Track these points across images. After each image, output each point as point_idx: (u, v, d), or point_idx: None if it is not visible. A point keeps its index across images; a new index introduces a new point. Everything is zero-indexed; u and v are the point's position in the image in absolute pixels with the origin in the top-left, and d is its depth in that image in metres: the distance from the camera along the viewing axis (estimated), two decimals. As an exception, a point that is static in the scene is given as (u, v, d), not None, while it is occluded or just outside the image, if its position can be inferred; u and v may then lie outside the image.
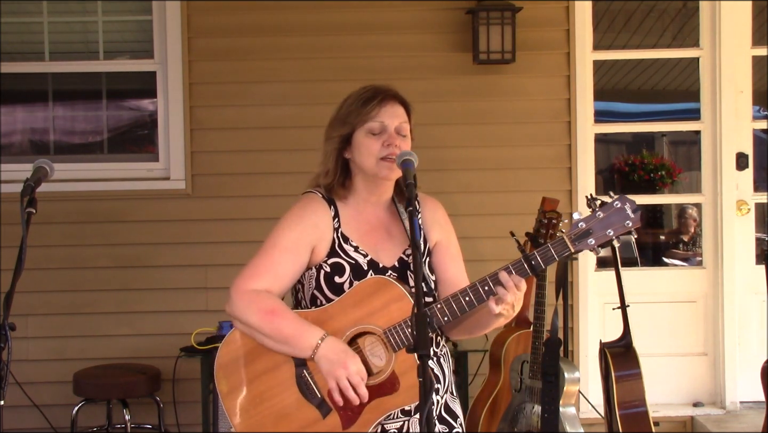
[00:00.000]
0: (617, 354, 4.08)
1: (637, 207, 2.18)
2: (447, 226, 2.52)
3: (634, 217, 2.17)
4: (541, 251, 2.19)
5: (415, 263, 2.12)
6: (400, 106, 2.45)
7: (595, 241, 2.17)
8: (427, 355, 2.02)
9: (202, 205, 4.97)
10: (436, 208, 2.54)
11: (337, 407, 2.28)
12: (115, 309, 4.94)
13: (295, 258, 2.39)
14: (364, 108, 2.42)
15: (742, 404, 5.08)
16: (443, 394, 2.46)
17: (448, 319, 2.25)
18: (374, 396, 2.27)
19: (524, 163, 5.00)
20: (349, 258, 2.40)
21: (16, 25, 5.16)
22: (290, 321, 2.30)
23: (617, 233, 2.17)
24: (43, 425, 4.78)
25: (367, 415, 2.27)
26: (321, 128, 5.47)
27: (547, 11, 4.99)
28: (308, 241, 2.40)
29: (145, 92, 5.12)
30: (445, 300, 2.25)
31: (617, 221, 2.17)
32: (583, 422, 4.24)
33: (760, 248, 5.07)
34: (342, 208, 2.45)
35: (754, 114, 5.23)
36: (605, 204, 2.20)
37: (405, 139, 2.42)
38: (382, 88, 2.47)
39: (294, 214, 2.46)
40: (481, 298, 2.22)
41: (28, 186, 2.38)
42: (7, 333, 2.22)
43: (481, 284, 2.22)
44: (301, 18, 4.99)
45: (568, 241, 2.18)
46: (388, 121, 2.41)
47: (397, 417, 2.38)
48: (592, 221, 2.18)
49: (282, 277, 2.38)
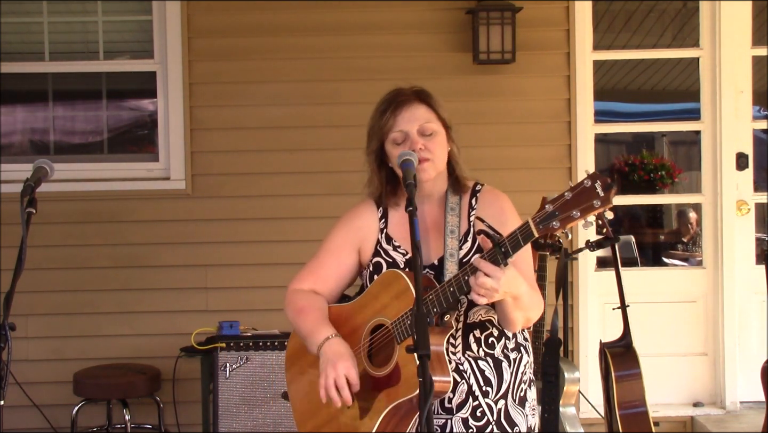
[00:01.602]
0: (617, 354, 4.08)
1: (611, 184, 2.01)
2: (503, 217, 2.43)
3: (604, 195, 2.00)
4: (509, 237, 2.13)
5: (415, 263, 2.14)
6: (419, 106, 2.45)
7: (559, 224, 2.05)
8: (427, 355, 2.03)
9: (202, 205, 4.97)
10: (494, 202, 2.49)
11: (358, 396, 2.36)
12: (115, 309, 4.94)
13: (338, 260, 2.54)
14: (382, 120, 2.45)
15: (742, 404, 5.08)
16: (497, 398, 2.43)
17: (437, 310, 2.25)
18: (383, 387, 2.33)
19: (524, 163, 5.00)
20: (387, 257, 2.48)
21: (16, 25, 5.16)
22: (310, 320, 2.45)
23: (585, 214, 2.03)
24: (43, 425, 4.78)
25: (378, 404, 2.34)
26: (321, 128, 5.53)
27: (547, 11, 4.99)
28: (352, 243, 2.53)
29: (145, 92, 5.12)
30: (435, 291, 2.26)
31: (585, 200, 2.02)
32: (583, 422, 4.24)
33: (760, 248, 5.07)
34: (393, 211, 2.53)
35: (754, 114, 5.23)
36: (575, 184, 2.06)
37: (432, 138, 2.43)
38: (395, 94, 2.47)
39: (342, 220, 2.59)
40: (461, 287, 2.21)
41: (28, 186, 2.39)
42: (7, 333, 2.23)
43: (462, 273, 2.21)
44: (301, 18, 4.99)
45: (533, 225, 2.09)
46: (407, 126, 2.42)
47: (438, 413, 2.41)
48: (558, 201, 2.06)
49: (326, 278, 2.54)
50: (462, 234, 2.44)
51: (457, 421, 2.41)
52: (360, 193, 2.61)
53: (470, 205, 2.48)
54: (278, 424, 4.14)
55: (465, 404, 2.41)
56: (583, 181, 2.05)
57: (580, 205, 2.04)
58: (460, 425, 2.41)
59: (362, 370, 2.38)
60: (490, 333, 2.44)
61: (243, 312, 4.68)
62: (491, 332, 2.44)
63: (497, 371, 2.44)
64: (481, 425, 2.41)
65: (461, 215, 2.46)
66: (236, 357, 4.15)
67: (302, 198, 4.95)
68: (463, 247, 2.42)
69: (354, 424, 2.37)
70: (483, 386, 2.42)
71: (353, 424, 2.37)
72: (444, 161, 2.47)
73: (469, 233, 2.44)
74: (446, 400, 2.40)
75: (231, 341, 4.17)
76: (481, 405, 2.42)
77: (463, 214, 2.46)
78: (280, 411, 4.14)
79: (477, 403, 2.41)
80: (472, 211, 2.47)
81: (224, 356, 4.15)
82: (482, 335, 2.43)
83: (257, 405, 4.14)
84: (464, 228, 2.45)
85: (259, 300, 4.84)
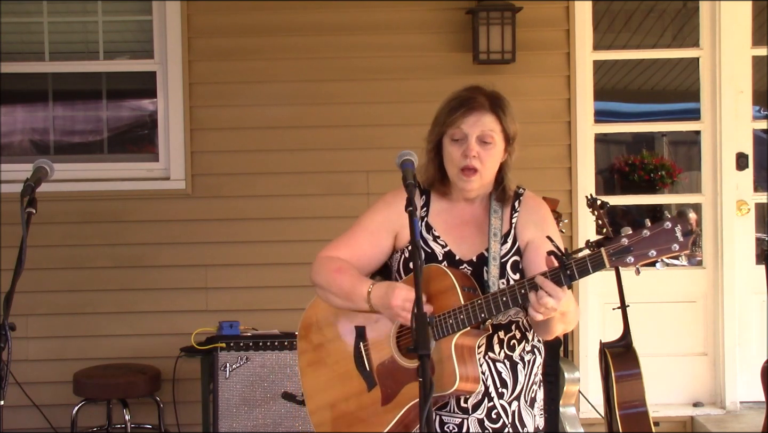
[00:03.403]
0: (617, 354, 4.08)
1: (690, 231, 2.05)
2: (544, 225, 2.47)
3: (683, 240, 2.04)
4: (578, 263, 2.13)
5: (415, 263, 2.14)
6: (488, 114, 2.44)
7: (634, 259, 2.07)
8: (427, 355, 2.03)
9: (202, 205, 4.97)
10: (536, 209, 2.53)
11: (381, 382, 2.38)
12: (115, 309, 4.94)
13: (375, 240, 2.51)
14: (450, 116, 2.44)
15: (742, 404, 5.08)
16: (510, 400, 2.45)
17: (485, 316, 2.26)
18: (412, 379, 2.31)
19: (524, 163, 4.94)
20: (426, 246, 2.46)
21: (16, 25, 5.16)
22: (349, 277, 2.43)
23: (661, 255, 2.05)
24: (43, 425, 4.78)
25: (403, 394, 2.34)
26: (321, 128, 5.53)
27: (547, 11, 4.99)
28: (391, 226, 2.49)
29: (145, 92, 5.12)
30: (485, 297, 2.26)
31: (663, 242, 2.05)
32: (583, 422, 4.24)
33: (760, 248, 5.07)
34: (435, 200, 2.52)
35: (754, 114, 5.23)
36: (655, 223, 2.08)
37: (488, 147, 2.43)
38: (471, 96, 2.46)
39: (383, 200, 2.55)
40: (516, 300, 2.22)
41: (28, 186, 2.39)
42: (7, 333, 2.22)
43: (518, 286, 2.22)
44: (301, 18, 4.99)
45: (605, 256, 2.09)
46: (469, 130, 2.42)
47: (454, 412, 2.42)
48: (635, 238, 2.07)
49: (359, 254, 2.50)
50: (503, 235, 2.46)
51: (473, 421, 2.42)
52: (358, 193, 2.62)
53: (513, 207, 2.51)
54: (278, 424, 4.13)
55: (480, 405, 2.42)
56: (663, 222, 2.07)
57: (657, 245, 2.07)
58: (476, 425, 2.42)
59: (390, 357, 2.39)
60: (513, 335, 2.45)
61: (243, 312, 4.68)
62: (514, 334, 2.46)
63: (513, 373, 2.45)
64: (497, 427, 2.43)
65: (503, 218, 2.48)
66: (236, 357, 4.15)
67: (302, 198, 4.95)
68: (503, 248, 2.45)
69: (375, 407, 2.38)
70: (499, 388, 2.43)
71: (374, 407, 2.39)
72: (492, 173, 2.48)
73: (509, 234, 2.46)
74: (462, 400, 2.41)
75: (231, 341, 4.17)
76: (496, 407, 2.43)
77: (506, 216, 2.49)
78: (280, 411, 4.14)
79: (492, 404, 2.43)
80: (514, 213, 2.50)
81: (224, 356, 4.15)
82: (506, 337, 2.44)
83: (257, 405, 4.14)
84: (506, 229, 2.47)
85: (259, 300, 4.84)
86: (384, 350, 2.41)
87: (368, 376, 2.42)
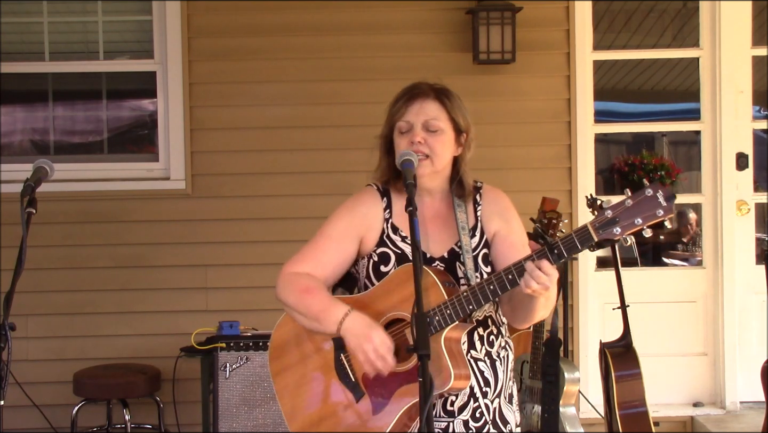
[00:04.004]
0: (617, 354, 4.08)
1: (673, 195, 2.06)
2: (507, 215, 2.48)
3: (667, 205, 2.05)
4: (564, 240, 2.13)
5: (415, 263, 2.14)
6: (432, 102, 2.44)
7: (621, 230, 2.07)
8: (427, 355, 2.03)
9: (202, 205, 4.97)
10: (498, 199, 2.52)
11: (369, 391, 2.32)
12: (115, 309, 4.94)
13: (340, 247, 2.46)
14: (394, 107, 2.46)
15: (742, 404, 5.08)
16: (493, 398, 2.44)
17: (473, 307, 2.25)
18: (402, 382, 2.29)
19: (524, 163, 5.00)
20: (395, 248, 2.44)
21: (16, 25, 5.16)
22: (320, 299, 2.38)
23: (647, 222, 2.06)
24: (43, 425, 4.78)
25: (395, 400, 2.30)
26: (321, 128, 5.53)
27: (547, 11, 4.99)
28: (356, 231, 2.46)
29: (145, 92, 5.12)
30: (470, 288, 2.25)
31: (647, 209, 2.06)
32: (583, 422, 4.24)
33: (760, 248, 5.07)
34: (396, 200, 2.49)
35: (754, 114, 5.23)
36: (636, 192, 2.08)
37: (435, 135, 2.42)
38: (414, 85, 2.48)
39: (345, 206, 2.52)
40: (504, 286, 2.21)
41: (28, 186, 2.39)
42: (7, 333, 2.23)
43: (505, 272, 2.21)
44: (301, 18, 4.99)
45: (592, 229, 2.10)
46: (414, 119, 2.42)
47: (440, 416, 2.40)
48: (619, 208, 2.08)
49: (325, 264, 2.46)
50: (470, 229, 2.45)
51: (459, 423, 2.41)
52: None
53: (475, 201, 2.50)
54: (278, 424, 4.13)
55: (466, 406, 2.41)
56: (644, 190, 2.08)
57: (642, 213, 2.07)
58: (462, 426, 2.41)
59: None
60: (491, 331, 2.45)
61: (243, 312, 4.67)
62: (491, 330, 2.45)
63: (493, 371, 2.45)
64: (479, 425, 2.42)
65: (468, 211, 2.47)
66: (236, 357, 4.15)
67: (302, 198, 4.95)
68: (473, 241, 2.44)
69: (366, 417, 2.32)
70: (483, 387, 2.43)
71: (365, 417, 2.32)
72: (444, 162, 2.45)
73: (476, 227, 2.46)
74: (448, 402, 2.40)
75: (231, 341, 4.17)
76: (480, 406, 2.42)
77: (470, 210, 2.48)
78: (280, 411, 4.11)
79: (477, 404, 2.42)
80: (477, 206, 2.49)
81: (224, 356, 4.15)
82: (485, 333, 2.44)
83: (257, 405, 4.14)
84: (472, 223, 2.46)
85: (259, 300, 4.83)
86: None
87: (354, 386, 2.34)
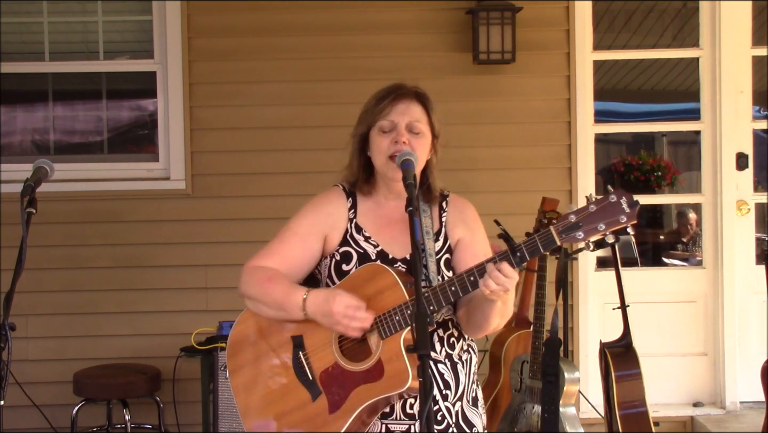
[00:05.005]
0: (617, 354, 4.08)
1: (636, 202, 2.08)
2: (473, 224, 2.51)
3: (630, 212, 2.08)
4: (527, 243, 2.15)
5: (416, 263, 2.12)
6: (416, 104, 2.46)
7: (584, 234, 2.09)
8: (427, 355, 2.02)
9: (202, 205, 4.97)
10: (464, 208, 2.54)
11: (326, 390, 2.32)
12: (115, 309, 4.94)
13: (305, 244, 2.47)
14: (377, 106, 2.46)
15: (742, 404, 5.08)
16: (454, 401, 2.44)
17: (434, 308, 2.25)
18: (360, 382, 2.28)
19: (524, 163, 5.00)
20: (358, 247, 2.44)
21: (16, 25, 5.16)
22: (281, 286, 2.38)
23: (609, 227, 2.08)
24: (43, 425, 4.78)
25: (353, 399, 2.29)
26: (321, 128, 5.52)
27: (547, 11, 4.99)
28: (320, 229, 2.48)
29: (145, 92, 5.12)
30: (432, 289, 2.25)
31: (610, 215, 2.08)
32: (583, 422, 4.24)
33: (760, 248, 5.07)
34: (362, 201, 2.50)
35: (754, 114, 5.23)
36: (601, 198, 2.11)
37: (417, 137, 2.42)
38: (398, 86, 2.49)
39: (311, 204, 2.56)
40: (466, 288, 2.21)
41: (28, 186, 2.39)
42: (7, 333, 2.23)
43: (467, 274, 2.22)
44: (301, 18, 4.99)
45: (555, 233, 2.12)
46: (398, 119, 2.43)
47: (401, 419, 2.39)
48: (582, 213, 2.10)
49: (290, 259, 2.46)
50: (435, 233, 2.47)
51: (419, 426, 2.38)
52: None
53: (441, 207, 2.51)
54: (278, 424, 4.13)
55: None
56: (608, 196, 2.10)
57: (605, 219, 2.10)
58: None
59: (333, 363, 2.33)
60: (452, 333, 2.45)
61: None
62: (452, 332, 2.45)
63: (454, 373, 2.44)
64: (441, 429, 2.41)
65: (432, 216, 2.48)
66: (236, 357, 4.14)
67: (302, 198, 4.86)
68: (436, 245, 2.45)
69: (322, 417, 2.31)
70: (443, 390, 2.42)
71: (321, 417, 2.31)
72: (422, 165, 2.46)
73: (440, 232, 2.47)
74: (408, 406, 2.39)
75: (231, 341, 4.16)
76: (441, 409, 2.41)
77: (435, 215, 2.49)
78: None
79: (437, 407, 2.40)
80: (443, 212, 2.50)
81: (224, 356, 4.13)
82: (445, 335, 2.43)
83: (257, 405, 4.13)
84: (436, 228, 2.48)
85: (259, 300, 4.83)
86: (326, 357, 2.33)
87: (311, 385, 2.33)
